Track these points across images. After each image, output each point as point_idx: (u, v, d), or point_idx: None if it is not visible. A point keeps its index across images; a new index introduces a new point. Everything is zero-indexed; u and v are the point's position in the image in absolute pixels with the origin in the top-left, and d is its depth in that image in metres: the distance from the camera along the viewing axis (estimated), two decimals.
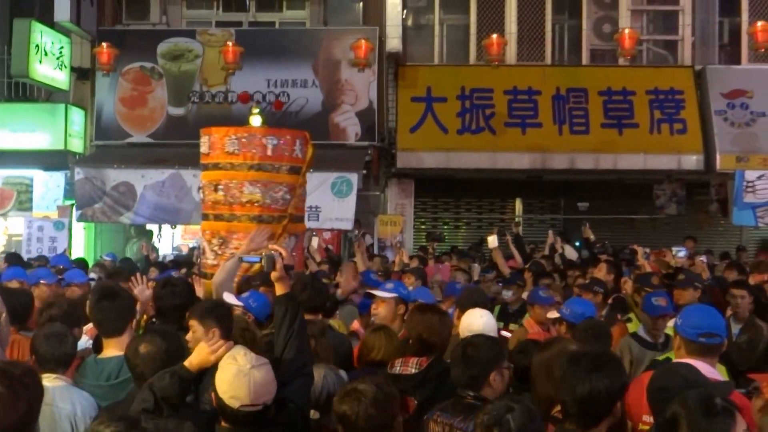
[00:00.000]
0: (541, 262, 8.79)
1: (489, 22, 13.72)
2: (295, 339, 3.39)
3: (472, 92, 13.00)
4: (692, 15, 13.79)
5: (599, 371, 2.75)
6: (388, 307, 4.80)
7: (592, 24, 14.02)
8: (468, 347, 3.39)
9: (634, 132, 12.89)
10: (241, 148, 6.59)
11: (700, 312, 3.88)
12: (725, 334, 3.70)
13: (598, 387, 2.70)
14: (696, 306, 4.44)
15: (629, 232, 14.11)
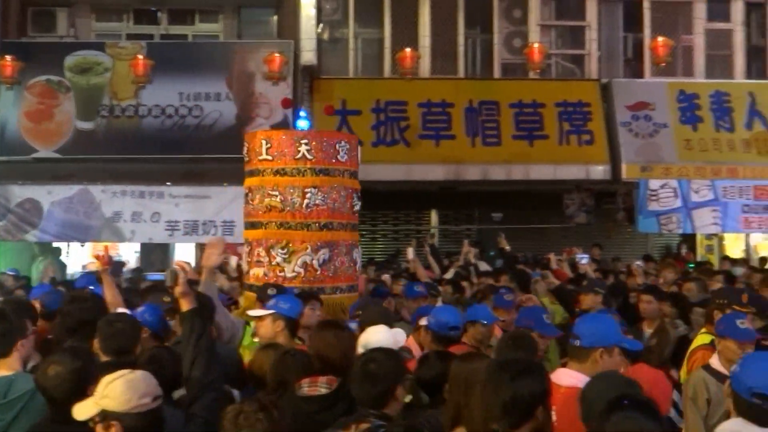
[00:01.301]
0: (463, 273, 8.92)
1: (403, 36, 13.83)
2: (203, 355, 3.34)
3: (386, 105, 13.06)
4: (598, 30, 14.23)
5: (522, 378, 2.79)
6: (266, 324, 4.69)
7: (503, 38, 14.29)
8: (369, 364, 3.30)
9: (544, 143, 13.17)
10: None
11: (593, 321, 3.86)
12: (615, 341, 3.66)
13: (521, 393, 2.74)
14: (594, 315, 4.47)
15: (541, 241, 14.41)
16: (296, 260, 6.58)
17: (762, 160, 13.02)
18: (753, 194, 12.91)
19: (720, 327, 4.39)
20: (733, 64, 14.37)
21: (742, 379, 2.97)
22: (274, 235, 6.69)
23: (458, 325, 4.73)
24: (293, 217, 6.66)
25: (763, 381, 2.91)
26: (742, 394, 2.94)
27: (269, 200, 6.67)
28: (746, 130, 13.20)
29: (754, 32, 14.77)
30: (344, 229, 6.89)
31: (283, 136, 6.94)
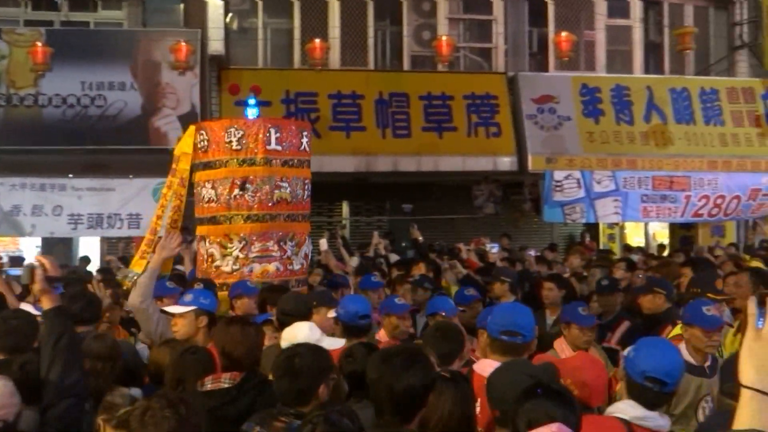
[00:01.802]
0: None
1: (312, 27, 13.78)
2: (61, 357, 3.16)
3: (296, 96, 13.00)
4: (504, 24, 14.50)
5: (412, 367, 2.80)
6: (186, 320, 4.55)
7: (413, 31, 14.42)
8: (294, 358, 3.19)
9: (453, 135, 13.36)
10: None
11: (506, 310, 3.93)
12: (528, 333, 3.71)
13: (412, 383, 2.76)
14: (505, 305, 4.48)
15: (451, 232, 14.65)
16: (301, 252, 6.67)
17: (659, 152, 13.55)
18: (651, 184, 13.41)
19: (686, 315, 4.30)
20: (632, 59, 14.92)
21: (635, 362, 3.03)
22: (281, 228, 6.59)
23: (368, 313, 4.72)
24: (299, 208, 6.73)
25: (655, 365, 2.97)
26: (635, 378, 3.00)
27: (279, 192, 6.52)
28: (645, 123, 13.71)
29: (652, 29, 15.37)
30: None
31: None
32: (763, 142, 13.88)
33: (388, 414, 2.81)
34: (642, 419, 2.94)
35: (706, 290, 5.18)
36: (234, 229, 6.52)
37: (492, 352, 3.69)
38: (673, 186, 13.41)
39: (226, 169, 6.61)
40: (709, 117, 13.91)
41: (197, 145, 6.86)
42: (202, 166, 6.83)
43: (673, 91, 13.96)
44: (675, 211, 13.55)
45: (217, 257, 6.46)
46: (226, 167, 6.61)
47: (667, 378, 2.97)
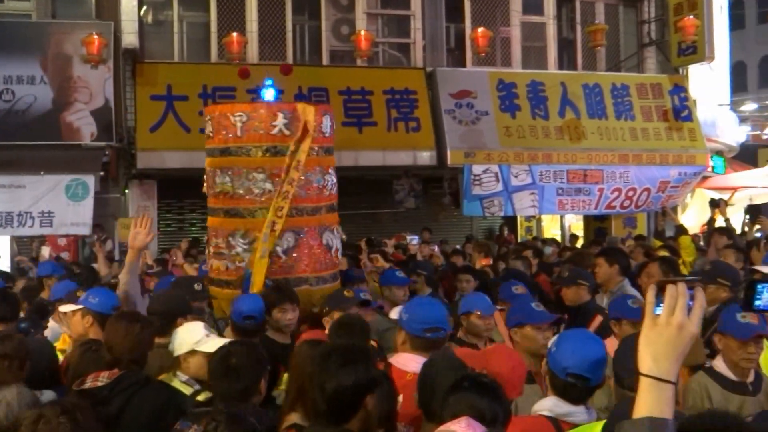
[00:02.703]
0: None
1: (230, 21, 13.66)
2: None
3: (214, 90, 12.83)
4: (422, 20, 14.67)
5: (348, 366, 2.73)
6: (77, 320, 4.49)
7: (331, 25, 14.44)
8: (229, 358, 3.15)
9: (373, 130, 13.45)
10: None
11: (423, 306, 3.88)
12: (448, 327, 3.78)
13: (345, 382, 2.70)
14: (419, 299, 4.33)
15: (372, 226, 14.76)
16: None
17: (574, 146, 13.94)
18: (567, 178, 13.79)
19: (720, 322, 4.04)
20: (546, 55, 15.31)
21: (557, 358, 3.01)
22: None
23: (253, 314, 4.68)
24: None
25: (576, 361, 2.96)
26: (558, 374, 2.99)
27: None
28: (560, 118, 14.09)
29: (565, 26, 15.81)
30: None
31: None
32: (671, 136, 14.45)
33: (322, 414, 2.75)
34: (568, 415, 2.93)
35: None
36: None
37: (413, 348, 3.65)
38: (587, 179, 13.83)
39: None
40: (621, 112, 14.40)
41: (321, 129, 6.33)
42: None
43: (585, 86, 14.39)
44: (589, 203, 13.98)
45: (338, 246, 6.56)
46: None
47: (590, 374, 2.95)
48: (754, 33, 34.88)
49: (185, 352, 3.79)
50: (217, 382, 3.17)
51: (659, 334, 1.74)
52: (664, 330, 1.73)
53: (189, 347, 3.78)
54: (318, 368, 2.78)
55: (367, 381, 2.75)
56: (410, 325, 3.69)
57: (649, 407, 1.71)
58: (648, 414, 1.70)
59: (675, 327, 1.73)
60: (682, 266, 7.32)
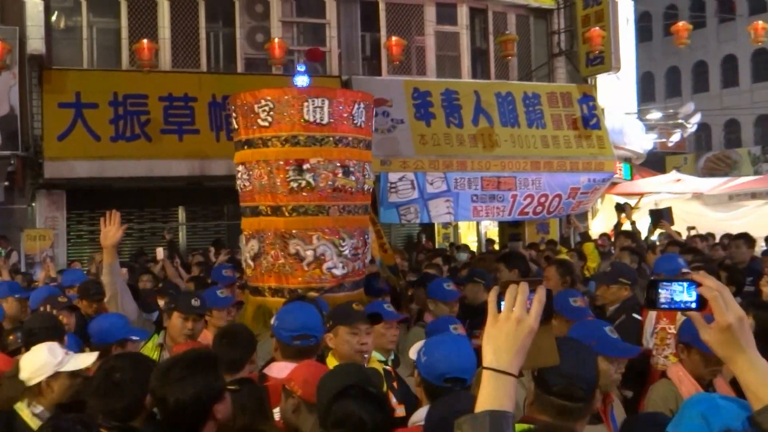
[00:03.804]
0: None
1: (141, 27, 13.45)
2: None
3: (125, 98, 12.60)
4: (338, 28, 14.76)
5: (190, 378, 2.65)
6: None
7: (246, 33, 14.37)
8: (113, 373, 2.96)
9: None
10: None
11: (293, 313, 3.80)
12: (319, 333, 3.71)
13: (187, 393, 2.62)
14: (292, 306, 4.18)
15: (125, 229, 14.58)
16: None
17: (487, 154, 14.19)
18: (481, 185, 14.01)
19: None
20: (460, 64, 15.59)
21: (432, 366, 2.97)
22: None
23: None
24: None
25: (452, 365, 2.94)
26: (435, 381, 2.94)
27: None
28: (473, 126, 14.32)
29: (478, 36, 16.13)
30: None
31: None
32: (581, 143, 14.88)
33: (168, 427, 2.67)
34: None
35: None
36: None
37: (285, 356, 3.59)
38: (501, 186, 14.09)
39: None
40: (532, 120, 14.75)
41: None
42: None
43: (498, 95, 14.68)
44: (503, 210, 14.24)
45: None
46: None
47: (466, 375, 2.95)
48: (660, 45, 36.22)
49: (48, 377, 3.46)
50: (98, 401, 2.93)
51: (499, 329, 1.80)
52: (504, 325, 1.80)
53: (51, 370, 3.46)
54: (159, 381, 2.68)
55: (210, 391, 2.66)
56: (280, 332, 3.64)
57: (490, 400, 1.75)
58: (489, 407, 1.74)
59: (514, 321, 1.79)
60: (586, 271, 7.58)
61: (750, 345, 1.81)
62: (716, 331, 1.81)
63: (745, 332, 1.80)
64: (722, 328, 1.79)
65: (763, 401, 1.75)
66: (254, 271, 5.94)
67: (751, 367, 1.79)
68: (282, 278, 5.81)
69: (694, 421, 1.78)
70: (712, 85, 37.93)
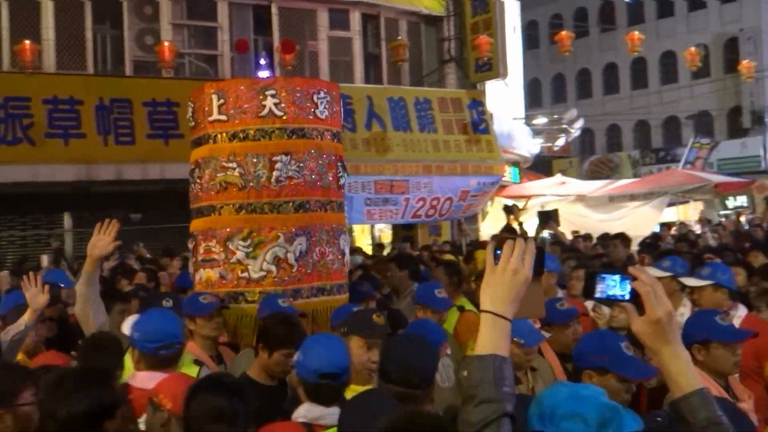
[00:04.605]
0: None
1: (23, 28, 12.95)
2: None
3: (6, 101, 12.08)
4: (230, 32, 14.62)
5: (82, 391, 2.57)
6: None
7: (134, 35, 14.05)
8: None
9: (181, 142, 13.14)
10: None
11: (155, 322, 3.72)
12: (181, 340, 3.68)
13: (78, 409, 2.53)
14: (150, 314, 3.99)
15: (183, 240, 14.41)
16: (264, 254, 5.06)
17: (380, 158, 14.34)
18: (374, 189, 14.14)
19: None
20: (353, 69, 15.72)
21: (307, 364, 3.07)
22: (232, 223, 5.18)
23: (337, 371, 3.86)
24: (258, 196, 5.14)
25: (325, 362, 3.05)
26: (310, 379, 3.05)
27: (224, 175, 5.16)
28: (366, 130, 14.46)
29: (371, 41, 16.31)
30: (325, 209, 5.34)
31: (242, 87, 5.31)
32: (471, 148, 15.25)
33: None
34: (320, 418, 3.01)
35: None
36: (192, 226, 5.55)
37: (148, 367, 3.52)
38: (393, 189, 14.28)
39: None
40: (424, 125, 15.02)
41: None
42: None
43: (390, 100, 14.88)
44: (396, 213, 14.44)
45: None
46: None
47: (339, 370, 3.08)
48: (547, 52, 37.50)
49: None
50: None
51: (497, 278, 1.96)
52: (501, 275, 1.96)
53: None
54: (49, 395, 2.60)
55: (103, 406, 2.58)
56: (142, 344, 3.56)
57: (490, 343, 1.91)
58: (490, 350, 1.90)
59: (510, 272, 1.95)
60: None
61: (675, 338, 1.96)
62: (646, 324, 1.95)
63: (672, 326, 1.95)
64: (652, 321, 1.94)
65: (683, 390, 1.92)
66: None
67: (675, 358, 1.94)
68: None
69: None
70: (595, 91, 39.53)
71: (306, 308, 4.90)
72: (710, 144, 25.30)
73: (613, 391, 2.96)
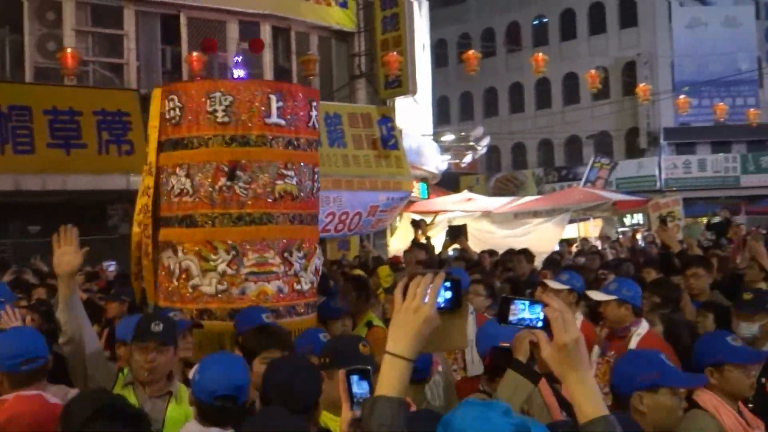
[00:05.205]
0: None
1: None
2: None
3: None
4: (136, 41, 14.32)
5: None
6: None
7: (36, 41, 13.59)
8: None
9: (83, 152, 12.81)
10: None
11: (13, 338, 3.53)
12: (45, 354, 3.49)
13: None
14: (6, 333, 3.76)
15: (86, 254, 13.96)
16: (311, 266, 4.96)
17: None
18: None
19: None
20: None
21: (203, 385, 2.97)
22: (288, 233, 4.89)
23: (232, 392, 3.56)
24: (305, 207, 5.01)
25: (222, 383, 2.95)
26: (205, 400, 2.95)
27: (283, 184, 4.84)
28: None
29: (281, 55, 16.26)
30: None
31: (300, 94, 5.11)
32: (380, 163, 15.36)
33: None
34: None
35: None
36: (219, 234, 4.85)
37: (12, 387, 3.31)
38: None
39: (207, 149, 4.87)
40: (333, 140, 15.04)
41: (165, 116, 4.96)
42: (171, 144, 4.96)
43: None
44: None
45: (194, 273, 4.78)
46: (208, 147, 4.87)
47: (236, 392, 2.98)
48: (455, 71, 38.12)
49: None
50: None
51: (400, 317, 1.96)
52: (403, 314, 1.96)
53: None
54: None
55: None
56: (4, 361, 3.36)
57: (384, 383, 1.93)
58: (383, 392, 1.91)
59: (411, 310, 1.95)
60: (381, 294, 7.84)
61: (583, 364, 1.96)
62: (554, 349, 1.94)
63: (579, 352, 1.95)
64: (559, 346, 1.93)
65: (587, 416, 1.92)
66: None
67: (581, 384, 1.94)
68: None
69: None
70: (501, 110, 40.43)
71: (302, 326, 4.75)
72: (610, 164, 26.17)
73: (668, 408, 2.93)
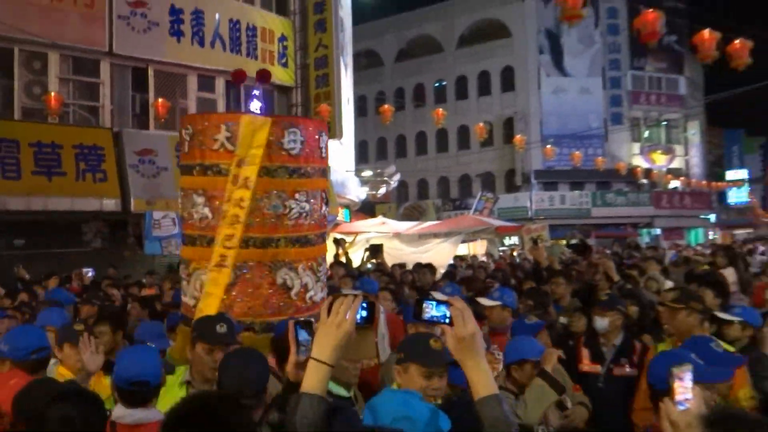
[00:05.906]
0: None
1: None
2: None
3: None
4: (111, 87, 14.01)
5: None
6: None
7: (24, 85, 13.14)
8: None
9: (62, 179, 12.42)
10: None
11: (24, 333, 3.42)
12: (49, 346, 3.34)
13: None
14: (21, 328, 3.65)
15: (61, 264, 13.45)
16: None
17: None
18: None
19: None
20: None
21: (119, 374, 2.86)
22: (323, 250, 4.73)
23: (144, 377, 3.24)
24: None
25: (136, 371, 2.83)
26: (123, 386, 2.84)
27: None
28: None
29: (232, 102, 16.12)
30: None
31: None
32: None
33: None
34: (122, 417, 2.81)
35: None
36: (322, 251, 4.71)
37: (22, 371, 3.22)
38: None
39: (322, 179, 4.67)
40: None
41: (282, 145, 4.35)
42: (288, 172, 4.37)
43: None
44: None
45: (311, 286, 4.46)
46: (323, 177, 4.70)
47: (149, 378, 2.86)
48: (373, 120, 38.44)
49: None
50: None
51: (324, 330, 1.98)
52: (328, 327, 1.97)
53: None
54: None
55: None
56: (14, 353, 3.28)
57: (309, 383, 1.93)
58: (308, 389, 1.91)
59: (335, 325, 1.97)
60: None
61: (479, 352, 2.02)
62: (455, 340, 2.01)
63: (476, 343, 2.01)
64: (459, 338, 2.00)
65: (479, 394, 2.00)
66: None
67: (477, 368, 2.01)
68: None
69: None
70: (409, 152, 40.94)
71: None
72: (493, 198, 26.72)
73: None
